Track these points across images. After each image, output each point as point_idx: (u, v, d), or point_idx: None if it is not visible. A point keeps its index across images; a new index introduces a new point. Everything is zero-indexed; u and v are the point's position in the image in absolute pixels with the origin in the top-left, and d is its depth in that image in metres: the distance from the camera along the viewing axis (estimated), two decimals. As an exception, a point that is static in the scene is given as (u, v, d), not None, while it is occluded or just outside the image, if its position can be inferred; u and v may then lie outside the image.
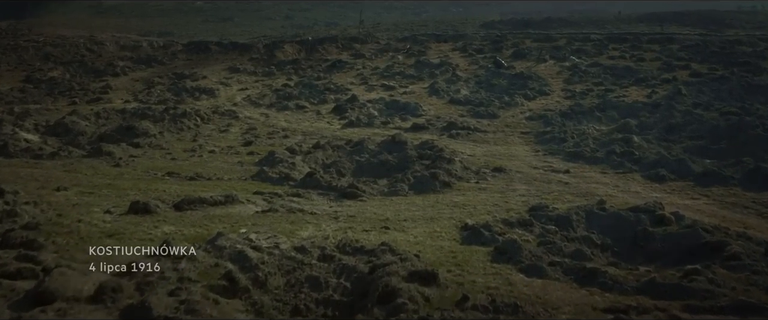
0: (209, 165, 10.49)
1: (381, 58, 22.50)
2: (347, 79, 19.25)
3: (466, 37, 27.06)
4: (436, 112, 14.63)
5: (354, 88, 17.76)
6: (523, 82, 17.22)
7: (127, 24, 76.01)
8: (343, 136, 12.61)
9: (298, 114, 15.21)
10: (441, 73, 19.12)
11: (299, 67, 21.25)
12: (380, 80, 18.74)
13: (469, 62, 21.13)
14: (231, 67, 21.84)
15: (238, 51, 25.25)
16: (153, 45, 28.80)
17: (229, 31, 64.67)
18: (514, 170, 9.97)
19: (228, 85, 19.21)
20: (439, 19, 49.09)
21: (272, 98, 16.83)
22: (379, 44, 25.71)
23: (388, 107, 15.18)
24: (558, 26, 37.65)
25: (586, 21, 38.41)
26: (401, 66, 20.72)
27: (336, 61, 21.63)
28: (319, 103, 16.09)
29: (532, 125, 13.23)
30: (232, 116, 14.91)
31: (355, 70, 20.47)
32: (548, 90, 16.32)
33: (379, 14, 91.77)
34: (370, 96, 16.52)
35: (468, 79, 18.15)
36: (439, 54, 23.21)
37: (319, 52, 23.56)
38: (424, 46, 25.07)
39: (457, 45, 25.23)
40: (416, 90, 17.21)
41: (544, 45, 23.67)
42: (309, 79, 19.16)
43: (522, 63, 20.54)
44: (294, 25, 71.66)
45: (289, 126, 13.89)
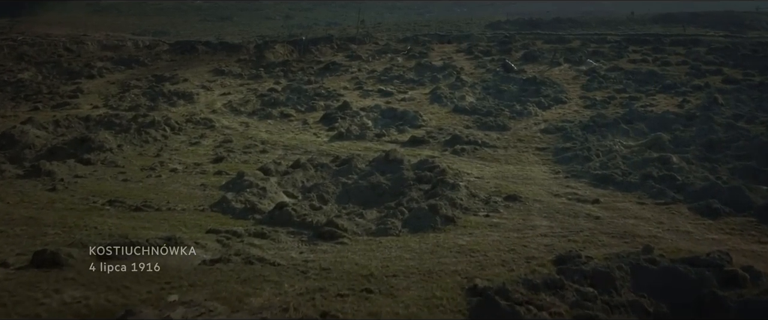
0: (165, 188, 8.78)
1: (379, 61, 20.77)
2: (340, 83, 17.52)
3: (472, 38, 25.25)
4: (438, 123, 12.90)
5: (347, 93, 16.04)
6: (535, 88, 15.44)
7: (124, 22, 74.60)
8: (329, 151, 10.91)
9: (282, 123, 13.50)
10: (444, 78, 17.37)
11: (289, 70, 19.53)
12: (376, 85, 17.00)
13: (474, 65, 19.38)
14: (216, 70, 20.15)
15: (226, 51, 23.56)
16: (138, 44, 27.14)
17: (227, 30, 63.08)
18: (531, 198, 8.23)
19: (210, 89, 17.52)
20: (442, 20, 47.28)
21: (256, 104, 15.14)
22: (378, 45, 23.91)
23: (384, 116, 13.47)
24: (568, 27, 35.84)
25: (597, 22, 36.59)
26: (400, 69, 18.98)
27: (330, 63, 19.89)
28: (306, 111, 14.38)
29: (549, 139, 11.48)
30: (207, 125, 13.22)
31: (349, 74, 18.74)
32: (565, 97, 14.52)
33: (381, 14, 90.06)
34: (365, 103, 14.80)
35: (474, 84, 16.39)
36: (441, 56, 21.48)
37: (312, 54, 21.81)
38: (425, 47, 23.34)
39: (462, 46, 23.49)
40: (416, 96, 15.47)
41: (556, 47, 21.80)
42: (298, 83, 17.46)
43: (533, 66, 18.72)
44: (294, 25, 70.03)
45: (270, 138, 12.18)
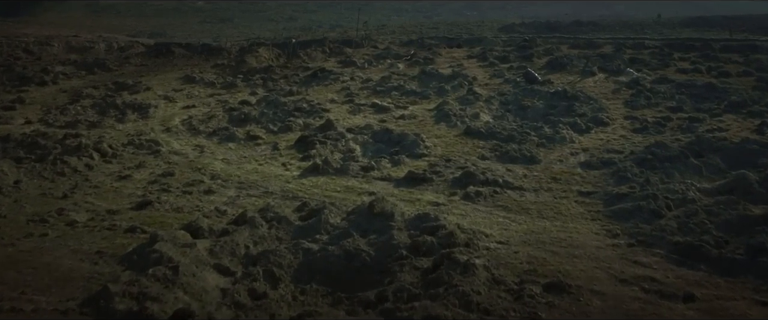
0: (38, 260, 5.88)
1: (376, 67, 17.80)
2: (328, 94, 14.60)
3: (485, 42, 22.20)
4: (445, 150, 9.95)
5: (334, 108, 13.12)
6: (567, 103, 12.44)
7: (121, 24, 72.18)
8: (297, 193, 8.01)
9: (247, 148, 10.60)
10: (453, 90, 14.39)
11: (270, 77, 16.65)
12: (371, 97, 14.06)
13: (490, 74, 16.38)
14: (187, 76, 17.33)
15: (205, 55, 20.76)
16: (112, 46, 24.42)
17: (226, 32, 60.42)
18: (585, 287, 5.26)
19: (173, 99, 14.68)
20: (451, 22, 44.32)
21: (221, 121, 12.27)
22: (377, 49, 20.93)
23: (376, 140, 10.54)
24: (589, 30, 32.80)
25: (620, 25, 33.50)
26: (401, 78, 16.02)
27: (318, 69, 16.98)
28: (280, 132, 11.48)
29: (595, 178, 8.47)
30: (151, 150, 10.37)
31: (340, 83, 15.81)
32: (606, 117, 11.48)
33: (387, 16, 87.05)
34: (354, 121, 11.89)
35: (490, 98, 13.40)
36: (450, 62, 18.50)
37: (300, 58, 18.92)
38: (431, 52, 20.33)
39: (474, 51, 20.47)
40: (418, 113, 12.52)
41: (586, 52, 18.67)
42: (278, 93, 14.57)
43: (561, 76, 15.68)
44: (296, 28, 67.28)
45: (225, 170, 9.28)
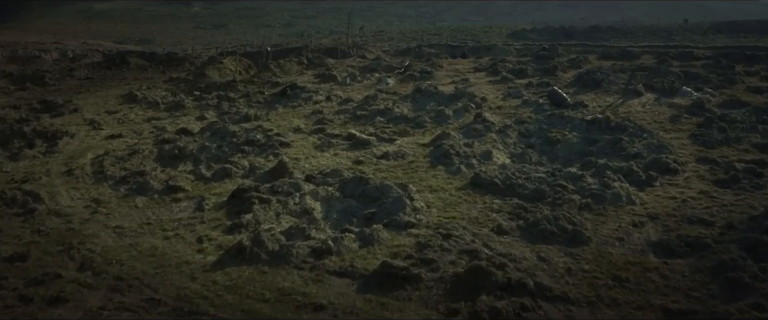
0: None
1: (361, 83, 14.48)
2: (294, 120, 11.33)
3: (495, 50, 18.73)
4: (443, 215, 6.65)
5: (297, 141, 9.83)
6: (611, 137, 9.11)
7: (111, 29, 69.46)
8: (197, 303, 4.77)
9: (158, 207, 7.34)
10: (456, 115, 11.06)
11: (228, 96, 13.43)
12: (347, 125, 10.78)
13: (503, 93, 12.99)
14: (130, 94, 14.13)
15: (163, 66, 17.60)
16: (67, 54, 21.33)
17: (218, 39, 57.41)
18: None
19: (98, 126, 11.47)
20: (455, 28, 41.03)
21: (144, 160, 9.04)
22: (365, 59, 17.60)
23: (346, 194, 7.27)
24: (610, 36, 29.54)
25: (644, 31, 30.19)
26: (390, 98, 12.71)
27: (289, 86, 13.71)
28: (214, 178, 8.22)
29: (683, 279, 5.13)
30: (25, 208, 7.18)
31: (312, 104, 12.51)
32: (671, 160, 8.10)
33: (389, 22, 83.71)
34: (319, 162, 8.62)
35: (505, 127, 10.04)
36: (453, 77, 15.18)
37: (270, 71, 15.66)
38: (431, 63, 16.94)
39: (482, 63, 17.12)
40: (408, 149, 9.20)
41: (622, 65, 15.22)
42: (231, 119, 11.35)
43: (597, 97, 12.22)
44: (293, 34, 64.24)
45: (110, 249, 6.01)
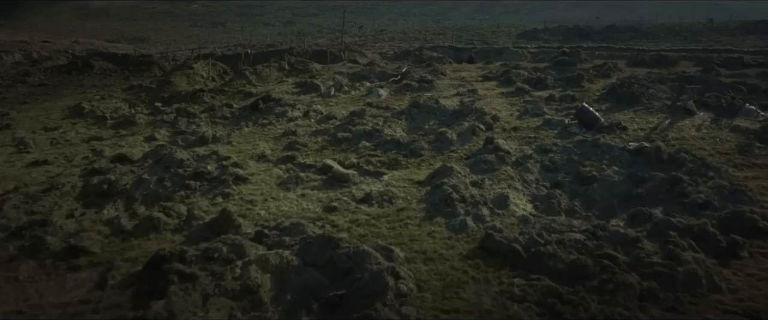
0: None
1: (347, 96, 12.25)
2: (260, 143, 9.14)
3: (507, 54, 16.33)
4: (439, 306, 4.44)
5: (257, 175, 7.64)
6: (665, 175, 6.88)
7: (105, 27, 67.60)
8: None
9: (46, 282, 5.18)
10: (461, 139, 8.82)
11: (187, 110, 11.28)
12: (324, 152, 8.57)
13: (519, 109, 10.68)
14: (77, 108, 12.03)
15: (131, 70, 15.49)
16: (31, 56, 19.29)
17: (215, 38, 55.43)
18: None
19: (26, 148, 9.32)
20: (461, 27, 38.75)
21: (63, 200, 6.88)
22: (357, 65, 15.35)
23: (307, 261, 5.07)
24: (629, 37, 27.30)
25: (665, 31, 27.88)
26: (380, 114, 10.48)
27: (262, 97, 11.51)
28: (136, 234, 6.05)
29: None
30: None
31: (285, 122, 10.28)
32: (756, 213, 5.89)
33: (393, 20, 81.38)
34: (279, 208, 6.45)
35: (524, 158, 7.76)
36: (457, 86, 12.95)
37: (246, 78, 13.48)
38: (432, 70, 14.65)
39: (493, 70, 14.85)
40: (397, 190, 6.98)
41: (659, 74, 12.81)
42: (185, 140, 9.20)
43: (636, 116, 9.86)
44: (294, 32, 62.10)
45: None
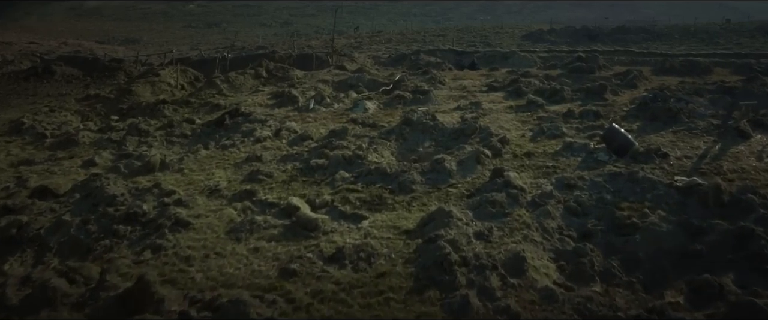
0: None
1: (328, 110, 10.43)
2: (216, 172, 7.46)
3: (514, 59, 14.50)
4: None
5: (205, 216, 5.97)
6: (728, 224, 5.23)
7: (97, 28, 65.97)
8: None
9: None
10: (462, 169, 7.07)
11: (140, 128, 9.62)
12: (291, 184, 6.86)
13: (532, 129, 8.79)
14: (18, 121, 10.41)
15: (91, 78, 13.88)
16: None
17: (208, 39, 53.75)
18: None
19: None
20: (462, 28, 37.04)
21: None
22: (345, 71, 13.55)
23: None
24: (642, 39, 25.63)
25: (680, 32, 26.18)
26: (365, 134, 8.72)
27: (230, 111, 9.84)
28: (21, 309, 4.43)
29: None
30: None
31: (251, 143, 8.59)
32: None
33: (393, 21, 79.57)
34: (221, 269, 4.78)
35: (542, 197, 6.06)
36: (459, 99, 11.16)
37: (217, 87, 11.81)
38: (430, 78, 12.77)
39: (499, 78, 13.03)
40: (379, 242, 5.31)
41: (693, 84, 10.92)
42: (129, 166, 7.56)
43: (677, 138, 7.97)
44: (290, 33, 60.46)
45: None
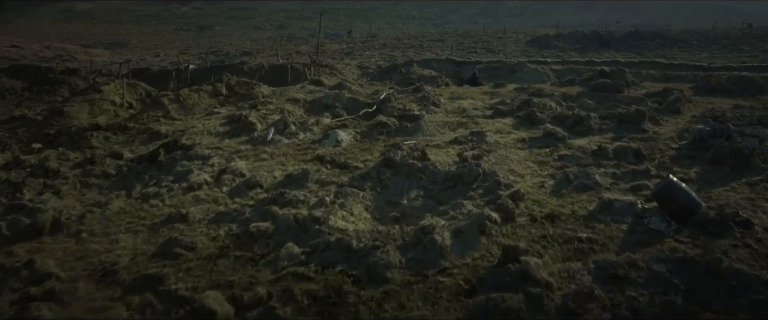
0: None
1: (291, 141, 8.27)
2: (122, 239, 5.39)
3: (523, 73, 12.26)
4: None
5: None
6: None
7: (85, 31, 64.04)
8: None
9: None
10: (459, 243, 4.83)
11: (50, 164, 7.62)
12: (218, 263, 4.80)
13: (552, 175, 6.40)
14: None
15: (31, 92, 11.89)
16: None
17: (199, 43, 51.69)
18: None
19: None
20: (462, 32, 35.00)
21: None
22: (319, 88, 11.32)
23: None
24: (656, 45, 23.69)
25: (698, 38, 24.24)
26: (331, 179, 6.55)
27: (168, 143, 7.82)
28: None
29: None
30: None
31: (179, 192, 6.54)
32: None
33: (392, 24, 77.62)
34: None
35: (577, 299, 4.07)
36: (456, 127, 8.98)
37: (163, 108, 9.77)
38: (421, 97, 10.43)
39: (505, 97, 10.92)
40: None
41: (753, 108, 8.68)
42: (16, 223, 5.55)
43: (755, 195, 5.58)
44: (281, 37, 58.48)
45: None
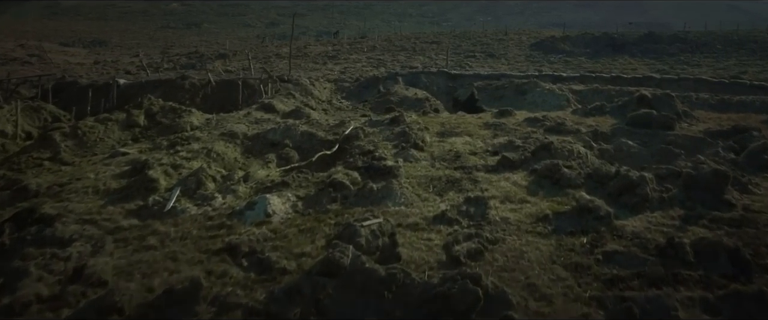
0: None
1: (199, 211, 5.25)
2: None
3: (534, 95, 9.70)
4: None
5: None
6: None
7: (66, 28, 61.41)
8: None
9: None
10: None
11: None
12: None
13: (595, 295, 3.78)
14: None
15: None
16: None
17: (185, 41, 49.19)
18: None
19: None
20: (460, 33, 32.44)
21: None
22: (270, 115, 8.73)
23: None
24: (675, 49, 21.30)
25: (722, 42, 21.85)
26: (234, 301, 3.67)
27: (20, 213, 5.34)
28: None
29: None
30: None
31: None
32: None
33: (387, 22, 74.93)
34: None
35: None
36: (445, 183, 6.05)
37: (54, 146, 7.34)
38: (400, 131, 7.72)
39: (513, 135, 8.31)
40: None
41: None
42: None
43: None
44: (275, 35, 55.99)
45: None
